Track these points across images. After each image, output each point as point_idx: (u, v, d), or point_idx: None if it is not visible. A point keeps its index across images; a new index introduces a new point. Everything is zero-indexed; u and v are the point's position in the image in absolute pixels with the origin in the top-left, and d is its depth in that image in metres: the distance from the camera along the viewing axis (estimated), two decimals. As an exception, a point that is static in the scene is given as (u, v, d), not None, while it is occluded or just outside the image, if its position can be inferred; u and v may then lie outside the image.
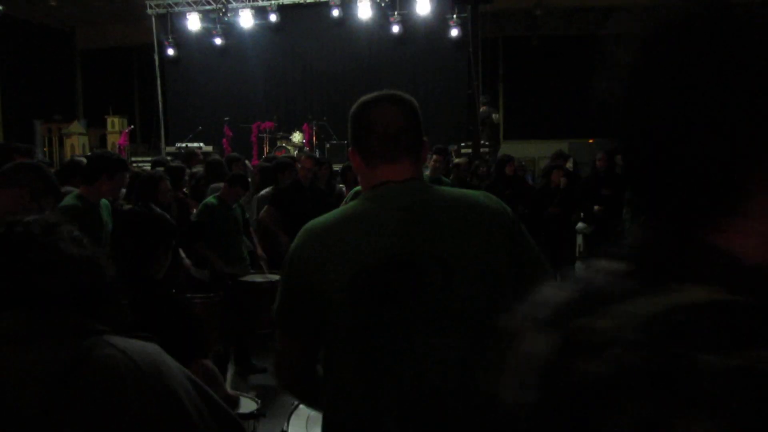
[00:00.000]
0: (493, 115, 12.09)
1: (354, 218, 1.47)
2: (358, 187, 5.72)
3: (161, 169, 6.61)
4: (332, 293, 1.39)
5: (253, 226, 6.12)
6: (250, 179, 6.55)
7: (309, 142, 14.47)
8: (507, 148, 19.94)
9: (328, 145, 14.30)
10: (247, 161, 9.13)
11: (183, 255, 4.97)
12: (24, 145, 3.09)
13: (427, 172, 7.56)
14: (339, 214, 1.52)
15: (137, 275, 2.22)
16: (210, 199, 5.37)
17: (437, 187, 1.56)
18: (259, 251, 5.78)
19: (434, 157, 7.37)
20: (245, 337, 5.39)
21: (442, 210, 1.47)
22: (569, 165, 15.24)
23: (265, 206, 6.01)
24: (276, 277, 5.07)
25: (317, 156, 13.74)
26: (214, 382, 2.19)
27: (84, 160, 5.63)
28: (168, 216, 2.54)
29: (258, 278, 4.96)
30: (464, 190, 1.59)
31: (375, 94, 1.60)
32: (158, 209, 2.43)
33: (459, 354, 1.36)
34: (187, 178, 6.54)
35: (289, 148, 14.07)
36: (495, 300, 1.37)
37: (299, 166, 6.31)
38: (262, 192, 6.57)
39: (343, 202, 6.72)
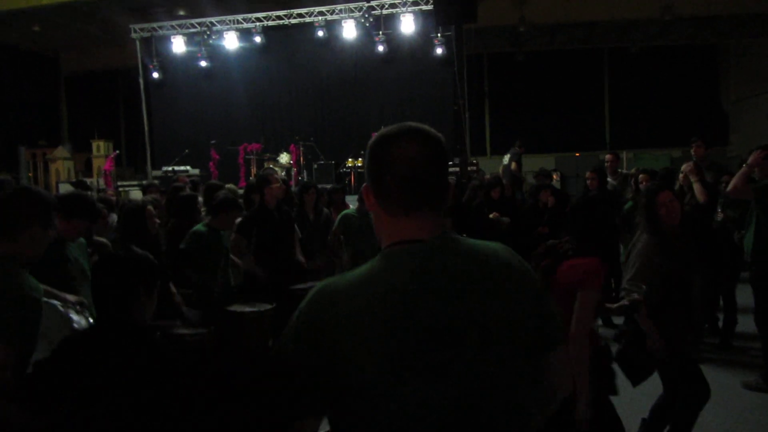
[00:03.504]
0: (512, 165, 12.10)
1: (382, 286, 1.31)
2: (348, 210, 5.68)
3: (150, 197, 6.55)
4: (365, 371, 1.25)
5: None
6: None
7: (296, 162, 14.44)
8: (495, 163, 20.05)
9: (315, 166, 14.26)
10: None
11: (174, 290, 4.89)
12: (44, 191, 2.97)
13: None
14: (363, 280, 1.34)
15: (120, 321, 2.17)
16: (199, 226, 5.28)
17: (462, 240, 1.41)
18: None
19: None
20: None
21: (473, 272, 1.35)
22: (556, 178, 15.29)
23: (233, 235, 5.90)
24: (265, 306, 5.00)
25: (304, 178, 13.76)
26: None
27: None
28: (149, 255, 2.48)
29: (246, 308, 4.88)
30: (488, 245, 1.44)
31: (398, 127, 1.43)
32: (139, 250, 2.37)
33: (497, 421, 1.32)
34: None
35: (277, 169, 14.01)
36: (526, 362, 1.36)
37: (273, 187, 6.07)
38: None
39: (334, 227, 6.72)
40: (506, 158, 12.21)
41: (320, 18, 14.84)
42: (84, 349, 2.14)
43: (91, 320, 3.02)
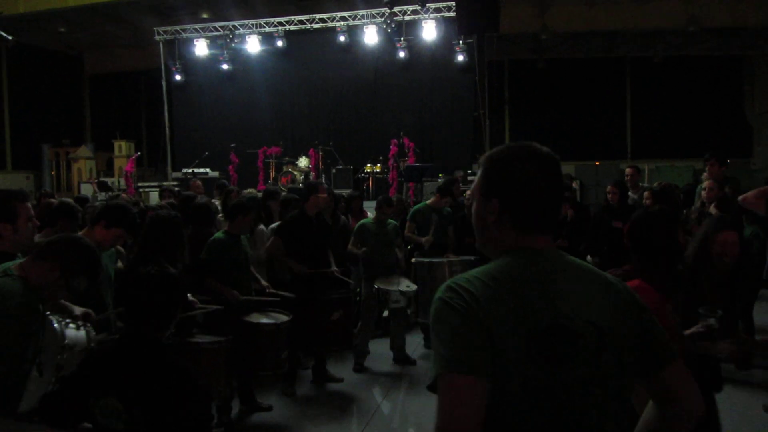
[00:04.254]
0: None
1: (515, 279, 1.43)
2: (365, 220, 5.67)
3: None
4: (508, 350, 1.36)
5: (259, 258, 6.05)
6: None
7: (315, 167, 14.48)
8: (513, 171, 19.95)
9: (334, 170, 14.30)
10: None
11: (190, 297, 4.90)
12: (17, 189, 3.05)
13: (427, 202, 7.49)
14: (497, 274, 1.44)
15: (146, 338, 2.19)
16: (218, 234, 5.29)
17: (570, 257, 1.53)
18: (264, 284, 5.72)
19: (438, 194, 7.32)
20: (250, 375, 5.32)
21: (587, 279, 1.48)
22: (574, 186, 15.16)
23: (272, 237, 5.98)
24: (283, 318, 5.01)
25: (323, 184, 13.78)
26: None
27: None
28: (177, 275, 2.50)
29: (263, 319, 4.89)
30: (593, 267, 1.57)
31: (530, 145, 1.54)
32: (171, 269, 2.40)
33: (613, 419, 1.42)
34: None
35: (296, 173, 14.08)
36: (634, 375, 1.48)
37: (319, 196, 6.12)
38: (272, 225, 6.50)
39: (353, 237, 6.71)
40: None
41: (342, 23, 14.89)
42: (109, 366, 2.17)
43: (93, 333, 3.03)
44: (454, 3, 11.73)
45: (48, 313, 2.74)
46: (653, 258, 2.87)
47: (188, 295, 4.56)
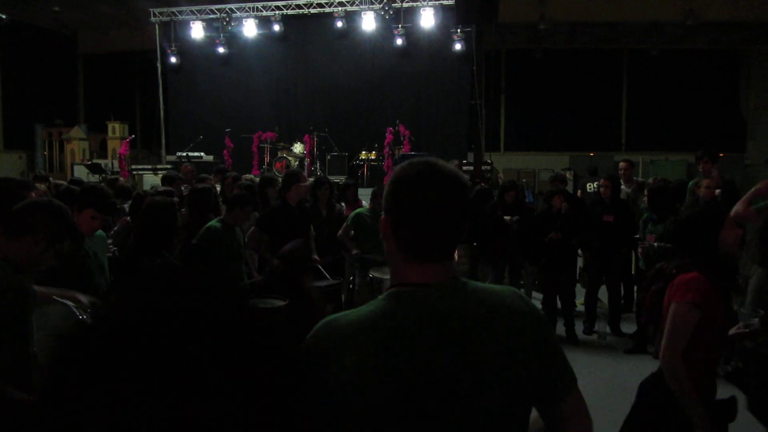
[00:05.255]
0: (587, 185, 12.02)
1: (386, 327, 1.31)
2: (361, 209, 5.66)
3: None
4: (369, 412, 1.25)
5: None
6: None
7: (310, 152, 14.46)
8: (508, 160, 19.98)
9: (329, 157, 14.28)
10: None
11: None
12: (20, 178, 3.04)
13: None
14: (369, 319, 1.33)
15: None
16: (213, 222, 5.29)
17: (470, 285, 1.41)
18: (255, 275, 5.73)
19: None
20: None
21: (480, 317, 1.35)
22: (569, 177, 15.19)
23: (251, 228, 5.93)
24: (278, 303, 5.02)
25: (318, 171, 13.78)
26: None
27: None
28: (179, 266, 2.51)
29: (259, 305, 4.89)
30: (496, 290, 1.44)
31: (430, 165, 1.39)
32: (172, 260, 2.40)
33: None
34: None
35: (290, 158, 14.05)
36: (522, 410, 1.38)
37: (300, 185, 6.12)
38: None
39: (345, 223, 6.73)
40: None
41: (340, 9, 14.80)
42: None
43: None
44: (452, -9, 11.68)
45: (63, 300, 2.72)
46: (705, 255, 2.86)
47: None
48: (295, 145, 14.37)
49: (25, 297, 2.47)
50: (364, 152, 14.14)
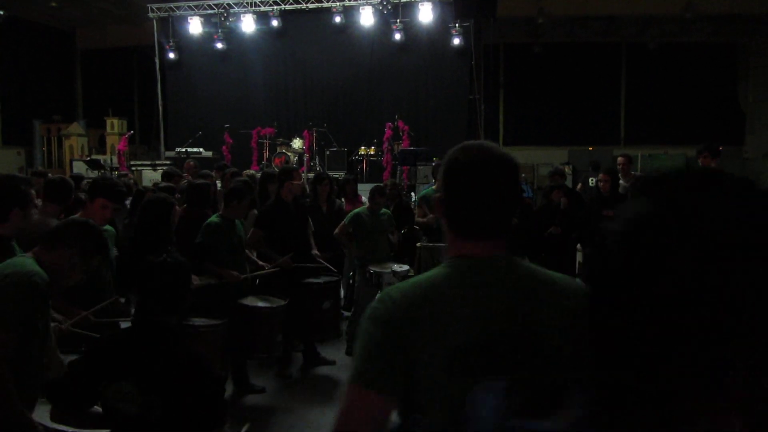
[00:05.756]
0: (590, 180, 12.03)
1: (447, 292, 1.39)
2: (359, 209, 5.69)
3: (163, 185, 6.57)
4: (428, 368, 1.34)
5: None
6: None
7: (309, 148, 14.44)
8: (507, 155, 19.97)
9: (328, 152, 14.29)
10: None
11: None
12: (22, 175, 3.14)
13: (433, 187, 7.54)
14: (430, 285, 1.41)
15: (159, 323, 2.24)
16: (213, 218, 5.30)
17: (523, 263, 1.47)
18: (260, 263, 5.74)
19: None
20: (244, 357, 5.37)
21: (533, 289, 1.41)
22: (567, 171, 15.23)
23: (251, 229, 5.94)
24: (278, 302, 5.05)
25: (317, 166, 13.77)
26: None
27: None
28: (186, 262, 2.54)
29: (259, 303, 4.92)
30: (550, 272, 1.49)
31: (482, 148, 1.47)
32: (179, 256, 2.44)
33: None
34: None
35: (289, 154, 14.04)
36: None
37: (293, 183, 6.15)
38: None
39: (343, 222, 6.73)
40: None
41: (338, 4, 14.78)
42: (122, 350, 2.22)
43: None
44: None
45: None
46: None
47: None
48: (294, 140, 14.36)
49: (48, 302, 2.63)
50: (363, 147, 14.15)
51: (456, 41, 14.55)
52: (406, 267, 6.53)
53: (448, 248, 1.49)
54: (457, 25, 14.23)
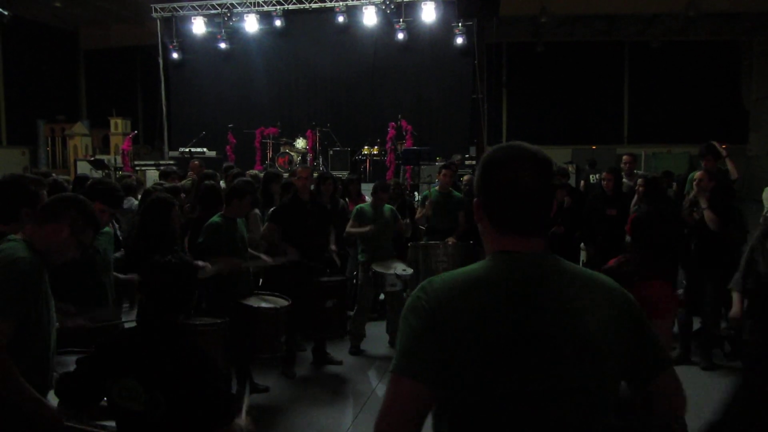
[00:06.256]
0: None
1: (488, 284, 1.41)
2: (362, 204, 5.71)
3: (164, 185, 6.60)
4: (467, 359, 1.36)
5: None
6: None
7: (312, 148, 14.47)
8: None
9: (331, 152, 14.31)
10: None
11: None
12: (33, 175, 3.14)
13: (436, 187, 7.57)
14: (471, 277, 1.44)
15: (164, 321, 2.27)
16: (215, 218, 5.31)
17: (563, 261, 1.50)
18: (265, 258, 5.77)
19: (443, 171, 7.40)
20: (247, 357, 5.39)
21: (573, 285, 1.43)
22: (571, 170, 15.19)
23: (266, 223, 6.01)
24: (281, 302, 5.06)
25: (321, 166, 13.79)
26: None
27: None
28: (191, 262, 2.56)
29: (263, 303, 4.93)
30: (589, 270, 1.53)
31: (511, 150, 1.50)
32: (186, 257, 2.46)
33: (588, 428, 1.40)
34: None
35: (293, 154, 14.06)
36: (615, 379, 1.44)
37: (296, 178, 6.27)
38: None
39: (350, 221, 6.76)
40: None
41: (341, 3, 14.79)
42: (128, 348, 2.24)
43: None
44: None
45: None
46: (658, 254, 2.90)
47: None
48: (298, 140, 14.38)
49: (45, 281, 2.62)
50: (366, 147, 14.16)
51: (459, 40, 14.54)
52: (411, 270, 6.51)
53: (488, 243, 1.53)
54: (459, 24, 14.22)
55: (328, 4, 14.93)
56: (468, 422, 1.38)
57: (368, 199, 7.81)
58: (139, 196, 6.76)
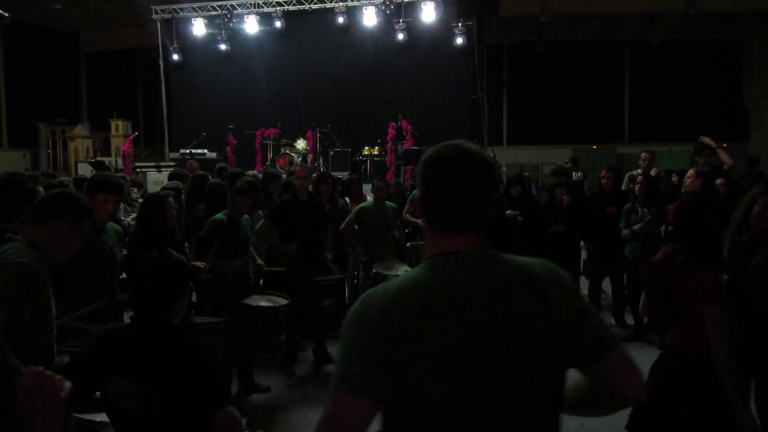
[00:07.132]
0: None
1: (428, 290, 1.41)
2: (364, 203, 5.73)
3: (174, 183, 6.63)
4: (413, 369, 1.35)
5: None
6: None
7: (313, 149, 14.48)
8: (510, 154, 19.98)
9: (332, 153, 14.32)
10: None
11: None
12: (27, 173, 3.19)
13: None
14: (410, 284, 1.44)
15: (156, 319, 2.25)
16: (219, 215, 5.32)
17: (501, 255, 1.50)
18: (259, 262, 5.79)
19: None
20: (248, 357, 5.40)
21: (510, 280, 1.44)
22: (570, 167, 15.21)
23: (261, 220, 6.03)
24: (281, 301, 5.07)
25: (321, 167, 13.80)
26: (239, 427, 2.25)
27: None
28: (185, 259, 2.56)
29: (262, 302, 4.94)
30: (528, 260, 1.53)
31: (445, 149, 1.50)
32: (176, 253, 2.45)
33: (535, 422, 1.42)
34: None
35: (293, 155, 14.07)
36: (561, 369, 1.47)
37: (294, 177, 6.29)
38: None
39: (349, 218, 6.77)
40: None
41: (341, 4, 14.79)
42: (121, 346, 2.24)
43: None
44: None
45: None
46: (703, 243, 2.91)
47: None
48: (298, 141, 14.38)
49: (47, 281, 2.66)
50: (366, 148, 14.16)
51: (459, 40, 14.54)
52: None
53: (428, 246, 1.53)
54: (459, 24, 14.22)
55: (328, 5, 14.93)
56: (416, 427, 1.39)
57: (369, 198, 7.82)
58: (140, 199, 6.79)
